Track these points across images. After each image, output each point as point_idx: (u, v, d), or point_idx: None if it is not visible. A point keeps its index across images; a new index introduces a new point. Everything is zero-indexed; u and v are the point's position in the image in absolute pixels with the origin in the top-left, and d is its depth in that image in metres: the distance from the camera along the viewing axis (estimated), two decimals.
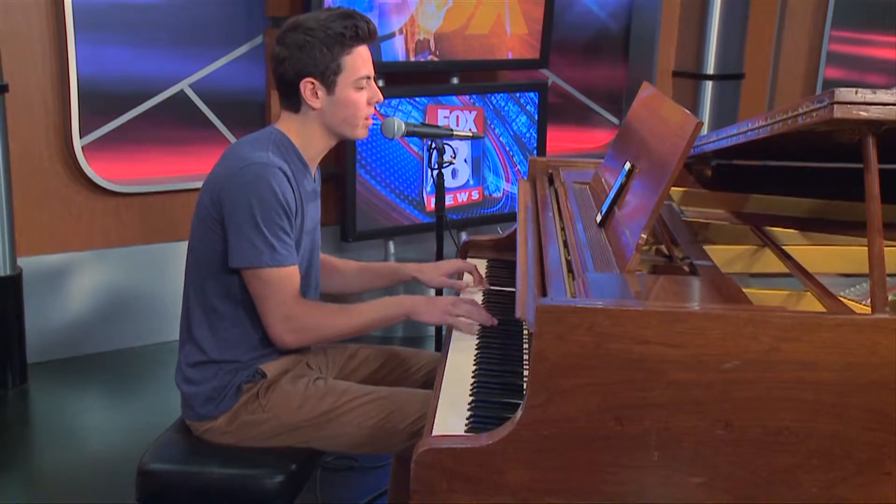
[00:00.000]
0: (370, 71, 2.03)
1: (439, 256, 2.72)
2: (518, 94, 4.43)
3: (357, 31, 1.98)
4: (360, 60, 2.01)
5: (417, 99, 4.10)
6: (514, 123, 4.45)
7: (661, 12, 4.98)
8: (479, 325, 2.04)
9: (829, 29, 5.42)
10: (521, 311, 1.75)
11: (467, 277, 2.35)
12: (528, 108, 4.46)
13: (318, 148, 2.08)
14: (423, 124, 2.59)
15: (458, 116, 4.25)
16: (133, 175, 3.89)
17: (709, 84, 4.89)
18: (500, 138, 4.42)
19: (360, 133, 2.08)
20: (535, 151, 4.51)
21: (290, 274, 1.96)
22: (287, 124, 2.06)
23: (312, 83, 1.99)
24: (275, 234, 1.92)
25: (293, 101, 2.03)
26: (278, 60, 2.00)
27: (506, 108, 4.40)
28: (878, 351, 1.36)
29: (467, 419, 1.61)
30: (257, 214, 1.90)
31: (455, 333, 2.02)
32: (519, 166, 4.50)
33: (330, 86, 1.99)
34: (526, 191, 2.48)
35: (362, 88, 2.02)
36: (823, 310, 1.57)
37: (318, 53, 1.96)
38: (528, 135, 4.50)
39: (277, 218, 1.92)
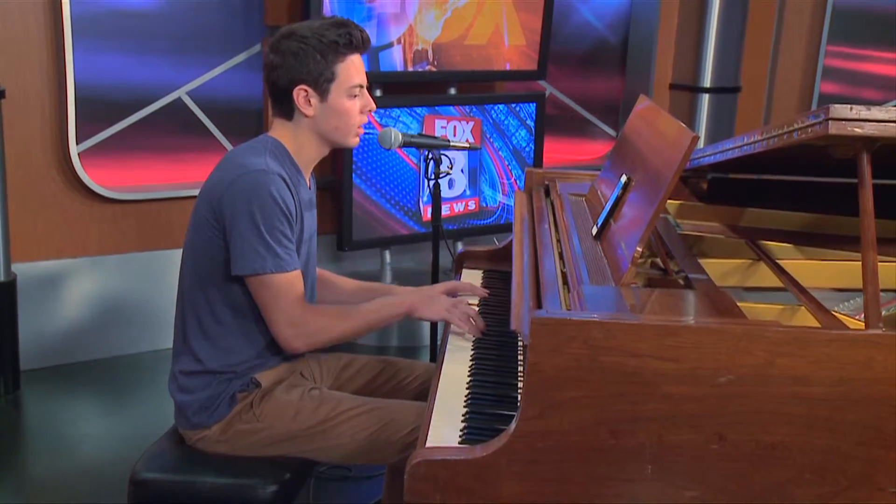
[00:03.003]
0: (363, 79, 2.04)
1: (435, 267, 2.73)
2: (515, 106, 4.44)
3: (351, 39, 1.99)
4: (353, 69, 2.02)
5: (415, 109, 4.11)
6: (511, 134, 4.46)
7: (658, 25, 5.00)
8: (474, 336, 2.04)
9: (826, 43, 5.45)
10: (515, 322, 1.75)
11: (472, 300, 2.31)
12: (525, 119, 4.48)
13: (311, 155, 2.09)
14: (420, 135, 2.60)
15: (455, 127, 4.26)
16: (129, 182, 3.89)
17: (705, 97, 4.91)
18: (497, 149, 4.43)
19: (352, 141, 2.09)
20: (531, 162, 4.52)
21: (294, 279, 1.96)
22: (280, 131, 2.06)
23: (306, 90, 1.99)
24: (277, 240, 1.92)
25: (286, 109, 2.04)
26: (271, 67, 2.01)
27: (503, 119, 4.41)
28: (872, 366, 1.36)
29: (461, 431, 1.61)
30: (259, 221, 1.90)
31: (450, 344, 2.02)
32: (515, 177, 4.50)
33: (323, 93, 2.00)
34: (522, 202, 2.48)
35: (355, 97, 2.03)
36: (818, 324, 1.58)
37: (312, 61, 1.97)
38: (525, 146, 4.51)
39: (279, 223, 1.93)
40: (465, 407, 1.71)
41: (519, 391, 1.76)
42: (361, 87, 2.04)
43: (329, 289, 2.32)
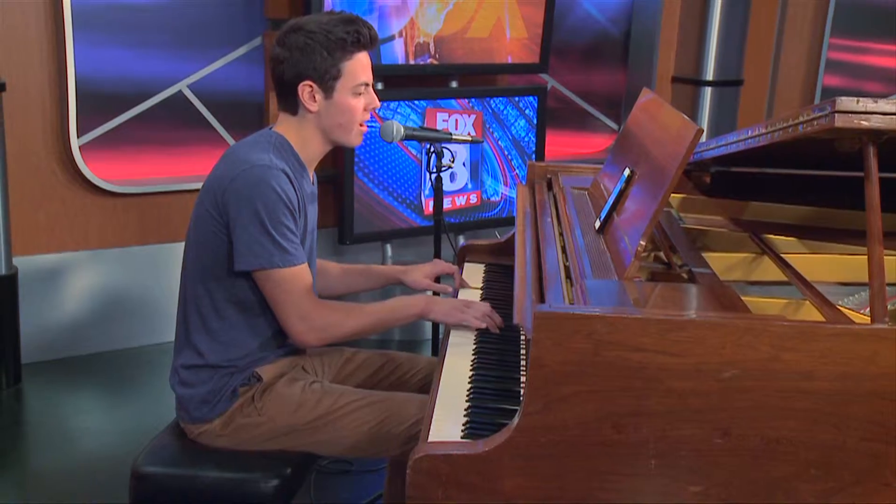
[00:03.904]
0: (369, 78, 2.03)
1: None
2: (517, 99, 4.42)
3: (359, 37, 1.97)
4: (359, 67, 2.00)
5: (416, 102, 4.09)
6: (513, 128, 4.44)
7: (660, 18, 4.98)
8: (476, 330, 2.04)
9: (829, 36, 5.43)
10: (518, 316, 1.74)
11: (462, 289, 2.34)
12: (527, 112, 4.46)
13: (315, 150, 2.08)
14: (422, 128, 2.59)
15: (457, 120, 4.25)
16: (130, 175, 3.88)
17: (708, 90, 4.89)
18: (499, 142, 4.42)
19: (355, 140, 2.07)
20: (533, 156, 4.51)
21: (302, 272, 1.96)
22: (284, 126, 2.05)
23: (311, 86, 1.98)
24: (283, 235, 1.91)
25: (290, 103, 2.02)
26: (277, 61, 1.99)
27: (505, 113, 4.40)
28: (877, 361, 1.35)
29: (463, 425, 1.60)
30: (264, 216, 1.89)
31: (452, 338, 2.02)
32: (517, 171, 4.49)
33: (328, 90, 1.99)
34: (524, 196, 2.48)
35: (360, 94, 2.02)
36: (822, 319, 1.57)
37: (319, 57, 1.95)
38: (526, 139, 4.50)
39: (284, 218, 1.92)
40: (467, 401, 1.70)
41: (521, 385, 1.75)
42: (367, 84, 2.03)
43: (318, 275, 2.32)
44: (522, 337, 1.99)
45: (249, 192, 1.90)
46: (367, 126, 2.10)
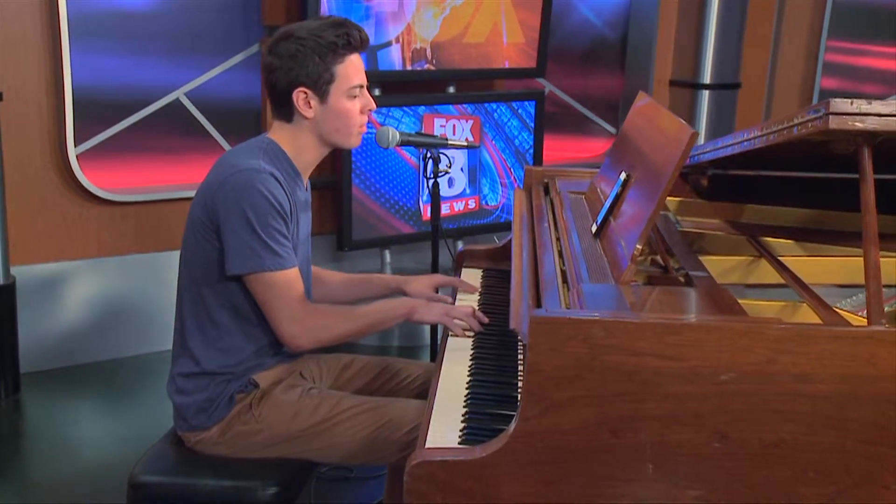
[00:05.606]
0: (363, 79, 2.03)
1: (434, 266, 2.71)
2: (514, 103, 4.42)
3: (349, 39, 1.97)
4: (352, 69, 2.00)
5: (414, 108, 4.10)
6: (510, 132, 4.44)
7: (657, 21, 4.98)
8: (473, 333, 2.04)
9: (826, 39, 5.44)
10: (515, 321, 1.74)
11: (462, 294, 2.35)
12: (524, 117, 4.46)
13: (310, 157, 2.08)
14: (419, 134, 2.59)
15: (454, 125, 4.25)
16: (128, 184, 3.88)
17: (705, 93, 4.90)
18: (497, 147, 4.42)
19: (354, 141, 2.07)
20: (531, 160, 4.51)
21: (293, 276, 1.95)
22: (279, 133, 2.05)
23: (305, 93, 1.98)
24: (273, 238, 1.91)
25: (285, 111, 2.02)
26: (269, 70, 1.99)
27: (502, 117, 4.40)
28: (876, 363, 1.34)
29: (461, 431, 1.59)
30: (253, 220, 1.89)
31: (450, 344, 2.01)
32: (515, 175, 4.49)
33: (323, 95, 1.99)
34: (521, 200, 2.47)
35: (355, 97, 2.02)
36: (820, 321, 1.57)
37: (311, 63, 1.95)
38: (524, 144, 4.50)
39: (273, 221, 1.91)
40: (464, 407, 1.70)
41: (519, 391, 1.75)
42: (361, 87, 2.03)
43: (317, 284, 2.32)
44: (520, 342, 1.98)
45: (237, 195, 1.90)
46: (366, 127, 2.10)
